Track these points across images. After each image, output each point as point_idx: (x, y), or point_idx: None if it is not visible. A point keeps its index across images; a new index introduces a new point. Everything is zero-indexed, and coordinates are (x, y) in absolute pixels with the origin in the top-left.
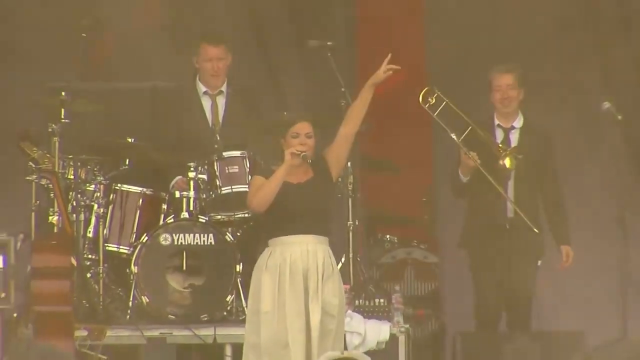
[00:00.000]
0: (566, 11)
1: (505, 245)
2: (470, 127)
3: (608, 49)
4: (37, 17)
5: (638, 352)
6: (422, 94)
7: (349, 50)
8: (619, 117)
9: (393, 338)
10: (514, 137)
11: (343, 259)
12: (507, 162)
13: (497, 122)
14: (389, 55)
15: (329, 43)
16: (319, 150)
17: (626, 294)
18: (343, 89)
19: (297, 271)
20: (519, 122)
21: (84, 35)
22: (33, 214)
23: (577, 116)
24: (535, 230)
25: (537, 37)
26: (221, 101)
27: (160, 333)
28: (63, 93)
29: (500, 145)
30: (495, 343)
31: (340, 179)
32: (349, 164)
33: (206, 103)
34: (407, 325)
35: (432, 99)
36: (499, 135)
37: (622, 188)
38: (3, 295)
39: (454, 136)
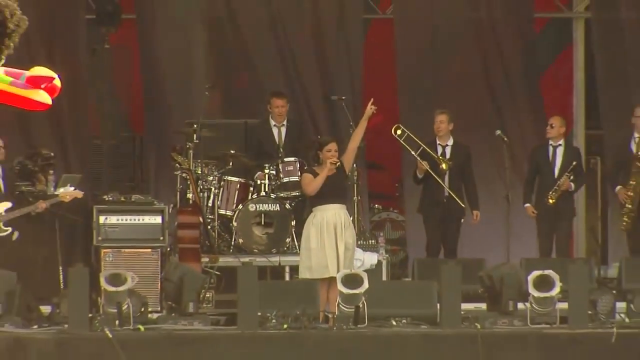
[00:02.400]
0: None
1: (443, 211)
2: (421, 148)
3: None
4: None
5: (515, 268)
6: (393, 128)
7: (355, 98)
8: (505, 139)
9: (379, 263)
10: (448, 151)
11: (351, 218)
12: (443, 165)
13: (438, 142)
14: (372, 100)
15: (343, 97)
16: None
17: (509, 238)
18: (351, 123)
19: (330, 225)
20: (450, 142)
21: (206, 93)
22: (178, 193)
23: (482, 138)
24: (460, 203)
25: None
26: (283, 130)
27: (249, 260)
28: (195, 125)
29: (439, 157)
30: (436, 265)
31: (350, 173)
32: (354, 164)
33: (275, 131)
34: (387, 255)
35: (400, 131)
36: (439, 150)
37: (507, 179)
38: (161, 238)
39: (413, 152)
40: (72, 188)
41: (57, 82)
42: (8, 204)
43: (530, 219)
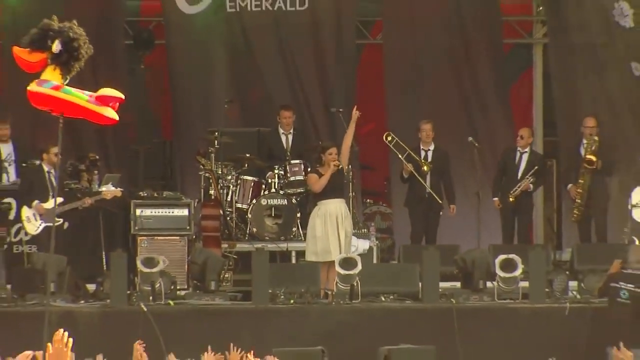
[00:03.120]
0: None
1: (424, 206)
2: (407, 152)
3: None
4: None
5: (484, 253)
6: (384, 135)
7: (350, 110)
8: (476, 145)
9: (370, 248)
10: (430, 155)
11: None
12: (425, 168)
13: (421, 147)
14: (355, 106)
15: (341, 110)
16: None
17: (479, 227)
18: (347, 131)
19: (332, 216)
20: (432, 147)
21: (226, 106)
22: (202, 190)
23: (458, 144)
24: (439, 199)
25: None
26: (290, 137)
27: (262, 246)
28: (216, 133)
29: (422, 160)
30: (418, 250)
31: (346, 172)
32: (350, 166)
33: (283, 137)
34: (377, 242)
35: (390, 138)
36: (422, 154)
37: (478, 178)
38: (188, 227)
39: (400, 156)
40: (113, 187)
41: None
42: (60, 199)
43: (497, 211)
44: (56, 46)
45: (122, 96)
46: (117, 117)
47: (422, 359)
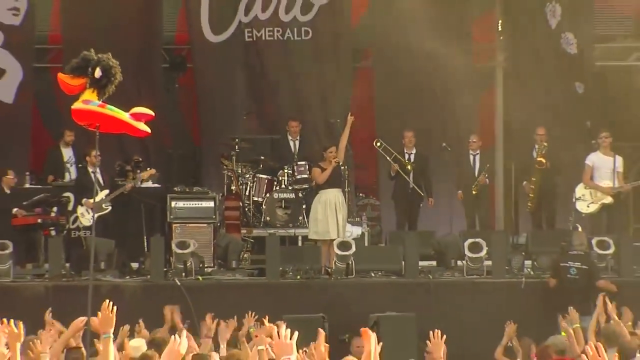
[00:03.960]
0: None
1: (408, 199)
2: (394, 155)
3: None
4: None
5: (456, 237)
6: (374, 141)
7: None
8: (449, 149)
9: (362, 234)
10: (412, 157)
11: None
12: (409, 167)
13: (405, 151)
14: (350, 113)
15: (338, 120)
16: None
17: (452, 216)
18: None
19: (331, 202)
20: (414, 151)
21: (244, 117)
22: (225, 186)
23: (434, 148)
24: (420, 193)
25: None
26: (297, 143)
27: (273, 231)
28: (237, 139)
29: (406, 161)
30: (402, 235)
31: (342, 168)
32: (346, 166)
33: (291, 143)
34: (368, 229)
35: (379, 143)
36: (406, 157)
37: (456, 175)
38: (214, 216)
39: (388, 158)
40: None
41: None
42: (106, 191)
43: (468, 204)
44: (97, 72)
45: (152, 113)
46: (149, 130)
47: (404, 323)
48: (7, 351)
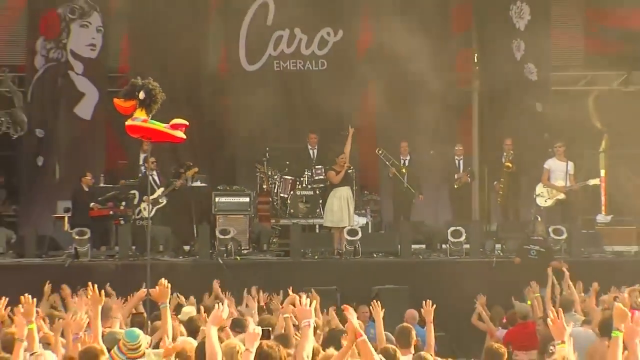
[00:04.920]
0: None
1: (403, 195)
2: (392, 160)
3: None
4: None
5: (440, 226)
6: (377, 150)
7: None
8: (432, 152)
9: (367, 223)
10: (407, 162)
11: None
12: (404, 170)
13: (401, 157)
14: (350, 126)
15: (346, 133)
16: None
17: (437, 209)
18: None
19: (343, 197)
20: (408, 157)
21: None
22: (258, 185)
23: (424, 155)
24: (412, 190)
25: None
26: (315, 151)
27: (296, 221)
28: (267, 148)
29: (402, 165)
30: (398, 225)
31: (351, 170)
32: (353, 168)
33: (310, 151)
34: (371, 219)
35: (380, 151)
36: (402, 162)
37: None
38: (249, 209)
39: (387, 163)
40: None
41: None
42: (162, 189)
43: (451, 199)
44: (142, 95)
45: (187, 123)
46: (184, 137)
47: (399, 294)
48: (85, 317)
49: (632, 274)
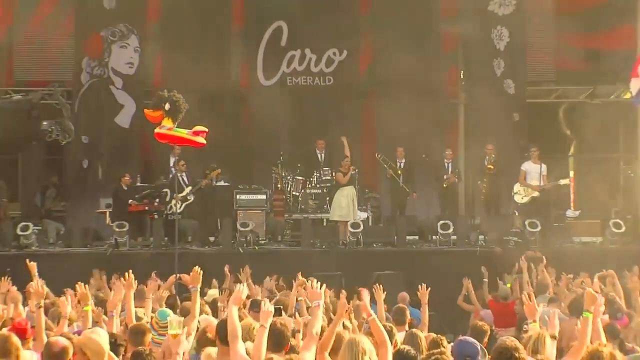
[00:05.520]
0: None
1: (399, 193)
2: (389, 163)
3: None
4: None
5: (432, 219)
6: (376, 154)
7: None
8: (424, 156)
9: (367, 217)
10: (402, 165)
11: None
12: (399, 172)
13: (397, 160)
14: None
15: (337, 142)
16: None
17: (429, 206)
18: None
19: (350, 195)
20: (404, 160)
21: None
22: (273, 184)
23: (418, 158)
24: (407, 189)
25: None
26: (323, 155)
27: (306, 216)
28: (281, 153)
29: (398, 168)
30: (394, 218)
31: (355, 172)
32: (356, 170)
33: (319, 155)
34: (371, 213)
35: (380, 155)
36: (398, 165)
37: (432, 171)
38: (265, 205)
39: (385, 166)
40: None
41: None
42: (190, 188)
43: (440, 197)
44: (167, 106)
45: (207, 129)
46: (204, 142)
47: (396, 279)
48: (120, 298)
49: (597, 262)
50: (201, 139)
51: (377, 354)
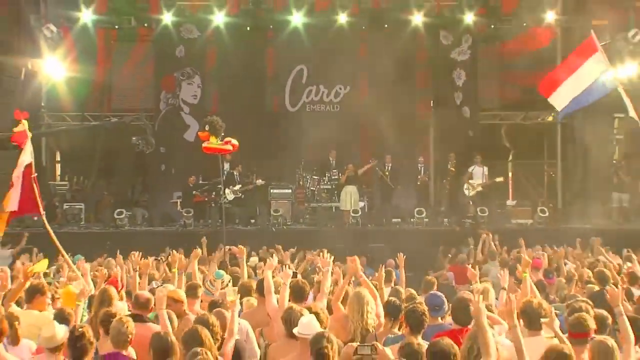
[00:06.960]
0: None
1: (387, 187)
2: (380, 167)
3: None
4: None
5: (409, 207)
6: (370, 160)
7: (355, 149)
8: (405, 161)
9: (364, 206)
10: (389, 168)
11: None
12: (387, 174)
13: (385, 165)
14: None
15: (370, 160)
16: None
17: (407, 198)
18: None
19: (351, 192)
20: (390, 164)
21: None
22: (296, 182)
23: (401, 162)
24: (392, 186)
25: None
26: (334, 161)
27: (321, 205)
28: (302, 160)
29: (386, 170)
30: (383, 207)
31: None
32: (358, 172)
33: (330, 161)
34: (367, 203)
35: (373, 161)
36: (386, 168)
37: (410, 173)
38: (291, 197)
39: (377, 169)
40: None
41: (236, 142)
42: (239, 186)
43: (416, 191)
44: (207, 127)
45: (237, 142)
46: (231, 149)
47: (384, 250)
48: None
49: (530, 238)
50: (228, 147)
51: None
